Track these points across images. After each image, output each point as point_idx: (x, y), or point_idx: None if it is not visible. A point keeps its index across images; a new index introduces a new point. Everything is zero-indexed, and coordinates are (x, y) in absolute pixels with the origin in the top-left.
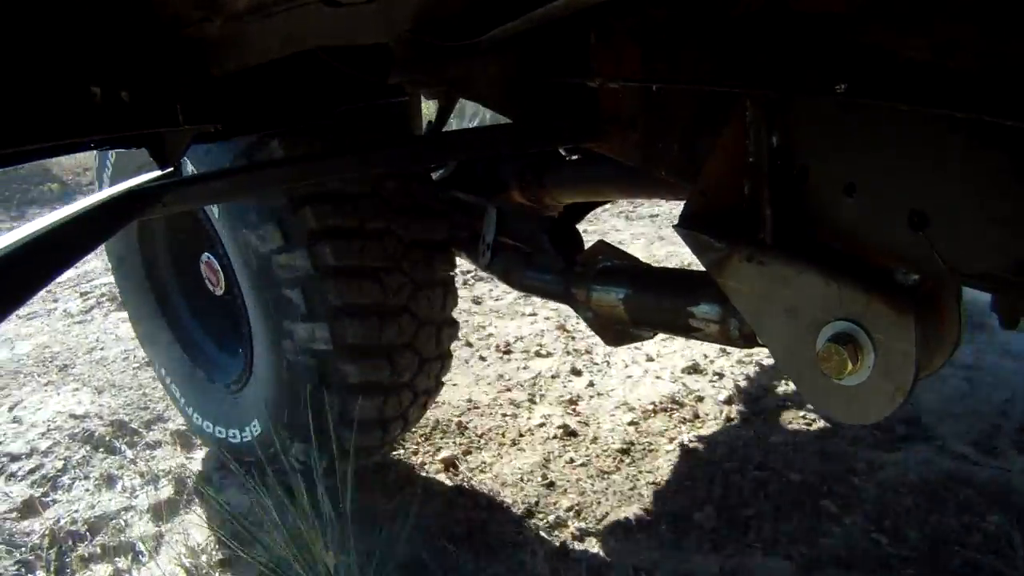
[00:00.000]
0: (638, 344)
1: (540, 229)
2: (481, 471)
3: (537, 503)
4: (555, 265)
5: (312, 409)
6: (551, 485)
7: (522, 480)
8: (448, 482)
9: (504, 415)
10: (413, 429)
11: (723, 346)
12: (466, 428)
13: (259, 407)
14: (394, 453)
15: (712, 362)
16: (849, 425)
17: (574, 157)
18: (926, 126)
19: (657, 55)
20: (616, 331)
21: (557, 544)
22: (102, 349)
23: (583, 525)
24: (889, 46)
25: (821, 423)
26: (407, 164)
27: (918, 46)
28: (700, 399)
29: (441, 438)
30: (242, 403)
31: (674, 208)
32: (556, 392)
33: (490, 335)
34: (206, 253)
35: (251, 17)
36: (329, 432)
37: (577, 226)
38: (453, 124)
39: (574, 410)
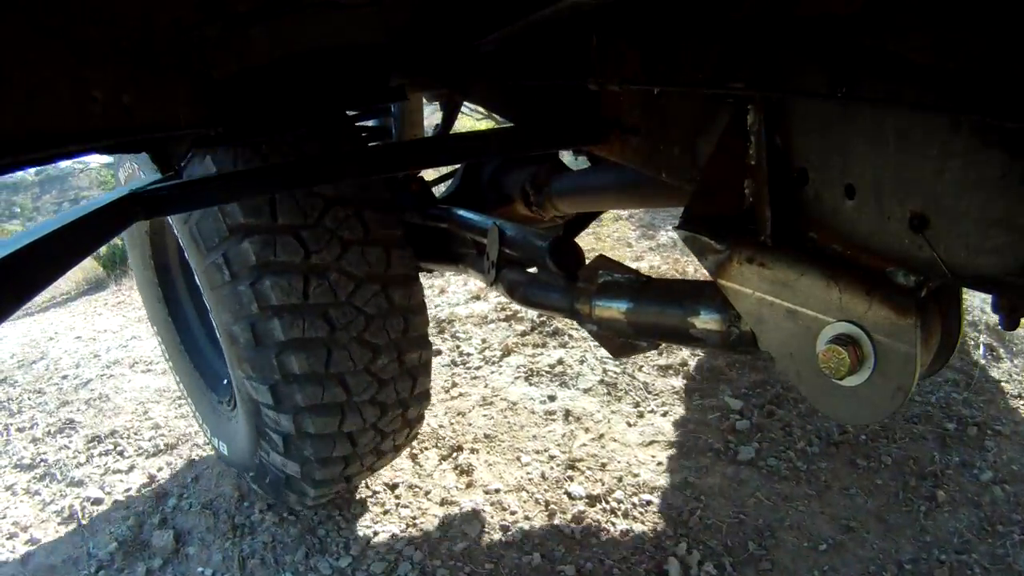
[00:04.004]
0: None
1: (542, 245)
2: None
3: None
4: (558, 281)
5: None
6: None
7: None
8: None
9: None
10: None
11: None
12: None
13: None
14: None
15: None
16: None
17: (580, 158)
18: (927, 127)
19: (658, 57)
20: (620, 343)
21: None
22: None
23: None
24: (890, 48)
25: None
26: (410, 166)
27: (919, 48)
28: None
29: None
30: (234, 421)
31: None
32: None
33: None
34: None
35: (252, 19)
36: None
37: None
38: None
39: None
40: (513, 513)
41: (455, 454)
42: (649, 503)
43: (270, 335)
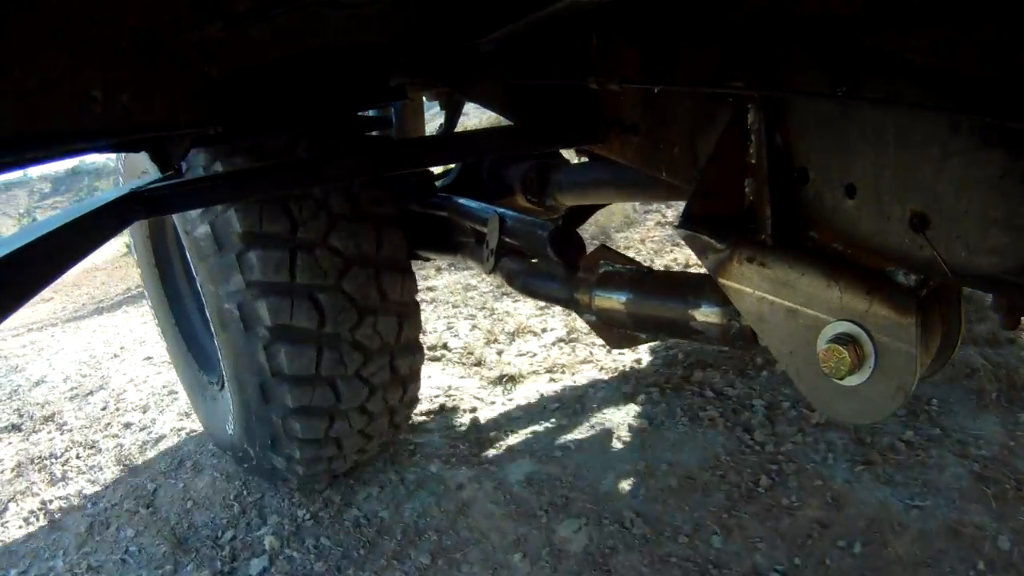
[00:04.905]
0: None
1: (543, 234)
2: None
3: None
4: (557, 270)
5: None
6: None
7: None
8: None
9: None
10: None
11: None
12: None
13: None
14: None
15: None
16: None
17: (583, 159)
18: (927, 127)
19: (657, 57)
20: (619, 334)
21: None
22: None
23: None
24: (890, 48)
25: None
26: (411, 166)
27: (919, 48)
28: None
29: None
30: (223, 402)
31: None
32: None
33: None
34: None
35: (252, 19)
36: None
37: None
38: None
39: None
40: None
41: None
42: None
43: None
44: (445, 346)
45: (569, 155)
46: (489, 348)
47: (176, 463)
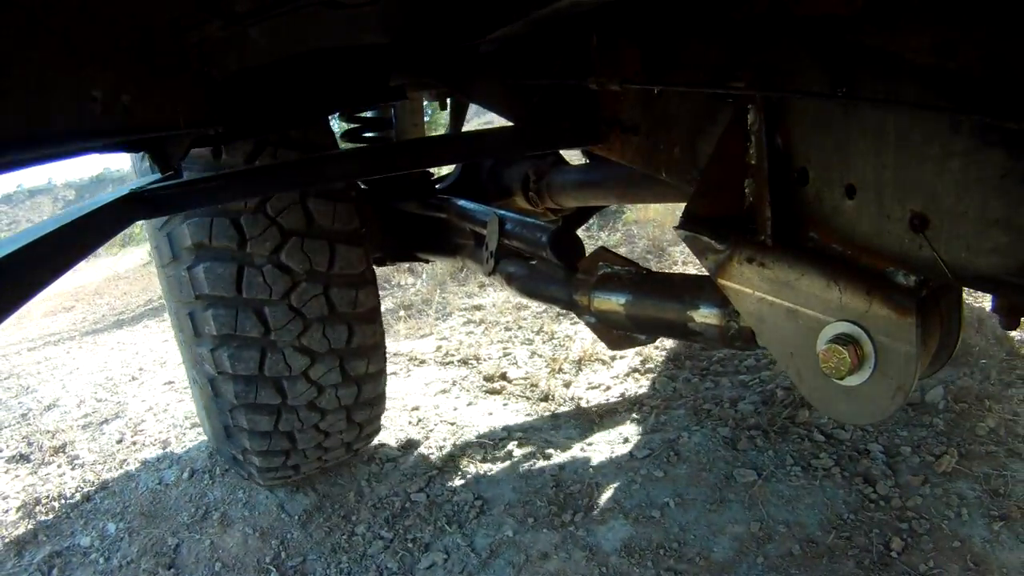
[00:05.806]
0: None
1: (542, 236)
2: None
3: None
4: (557, 272)
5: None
6: None
7: None
8: None
9: None
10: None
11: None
12: None
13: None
14: None
15: None
16: None
17: (584, 161)
18: (927, 127)
19: (658, 57)
20: (618, 336)
21: None
22: None
23: None
24: (890, 48)
25: None
26: (411, 167)
27: (919, 48)
28: None
29: None
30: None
31: None
32: None
33: None
34: None
35: (252, 19)
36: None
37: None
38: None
39: None
40: None
41: None
42: None
43: None
44: (504, 376)
45: (571, 156)
46: (554, 379)
47: (201, 514)
